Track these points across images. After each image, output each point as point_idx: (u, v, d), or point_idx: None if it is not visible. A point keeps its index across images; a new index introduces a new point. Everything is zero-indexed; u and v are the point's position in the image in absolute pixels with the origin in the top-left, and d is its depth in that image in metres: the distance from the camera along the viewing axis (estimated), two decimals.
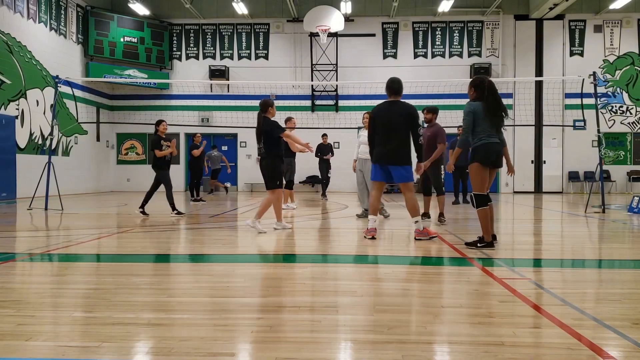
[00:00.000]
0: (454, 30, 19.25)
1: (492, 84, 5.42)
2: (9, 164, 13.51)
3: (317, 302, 3.23)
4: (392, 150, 5.75)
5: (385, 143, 5.78)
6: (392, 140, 5.75)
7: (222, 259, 4.84)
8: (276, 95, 19.24)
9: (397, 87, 5.97)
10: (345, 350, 2.39)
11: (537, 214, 10.04)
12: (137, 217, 8.96)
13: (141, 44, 18.86)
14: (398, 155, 5.77)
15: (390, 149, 5.76)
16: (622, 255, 5.25)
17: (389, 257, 4.97)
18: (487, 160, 5.25)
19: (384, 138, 5.79)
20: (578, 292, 3.52)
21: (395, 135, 5.75)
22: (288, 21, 19.35)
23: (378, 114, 5.92)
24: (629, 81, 18.91)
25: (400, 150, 5.76)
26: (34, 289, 3.60)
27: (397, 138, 5.74)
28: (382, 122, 5.81)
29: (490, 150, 5.25)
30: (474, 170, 5.31)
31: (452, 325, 2.72)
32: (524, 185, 19.08)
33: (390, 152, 5.76)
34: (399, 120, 5.74)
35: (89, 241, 5.90)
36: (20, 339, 2.47)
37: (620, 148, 19.03)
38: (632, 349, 2.37)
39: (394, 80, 6.02)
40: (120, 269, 4.37)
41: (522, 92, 18.42)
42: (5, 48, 13.61)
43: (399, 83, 6.00)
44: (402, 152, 5.78)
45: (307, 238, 6.43)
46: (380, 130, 5.83)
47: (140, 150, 19.96)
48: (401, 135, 5.75)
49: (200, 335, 2.54)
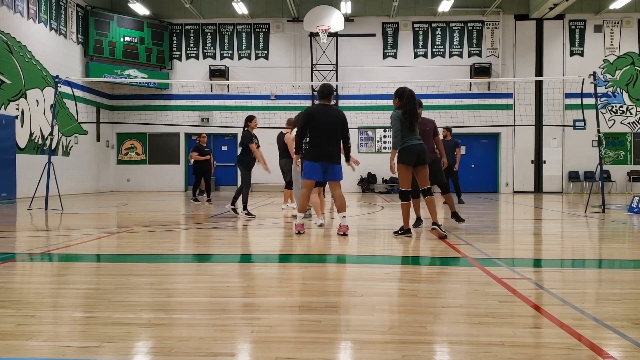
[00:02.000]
0: (454, 30, 19.25)
1: (412, 93, 6.15)
2: (9, 164, 13.51)
3: (317, 302, 3.23)
4: (334, 150, 6.33)
5: (327, 143, 6.30)
6: (333, 141, 6.32)
7: (222, 259, 4.84)
8: (276, 95, 19.26)
9: (327, 92, 6.43)
10: (345, 350, 2.39)
11: (537, 214, 10.04)
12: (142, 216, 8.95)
13: (141, 44, 18.86)
14: (337, 155, 6.38)
15: (331, 149, 6.31)
16: (622, 255, 5.24)
17: (388, 257, 4.97)
18: (409, 162, 6.03)
19: (326, 138, 6.30)
20: (578, 292, 3.52)
21: (335, 137, 6.33)
22: (288, 21, 19.35)
23: (317, 115, 6.33)
24: (629, 81, 18.91)
25: (338, 150, 6.41)
26: (34, 289, 3.60)
27: (337, 139, 6.36)
28: (322, 123, 6.29)
29: (413, 151, 5.99)
30: (399, 170, 6.10)
31: (452, 325, 2.72)
32: (524, 185, 19.09)
33: (332, 152, 6.32)
34: (336, 123, 6.32)
35: (89, 241, 5.90)
36: (20, 339, 2.47)
37: (620, 148, 19.03)
38: (632, 349, 2.37)
39: (325, 85, 6.50)
40: (120, 269, 4.37)
41: (522, 92, 18.44)
42: (5, 48, 13.61)
43: (329, 88, 6.49)
44: (339, 152, 6.43)
45: (307, 238, 6.43)
46: (321, 131, 6.30)
47: (140, 150, 19.96)
48: (339, 136, 6.38)
49: (200, 335, 2.54)
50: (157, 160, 19.83)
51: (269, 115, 16.34)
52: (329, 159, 6.30)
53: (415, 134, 6.09)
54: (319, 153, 6.30)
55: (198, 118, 19.33)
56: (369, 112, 18.61)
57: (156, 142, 19.90)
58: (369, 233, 6.94)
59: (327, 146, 6.28)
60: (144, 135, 19.78)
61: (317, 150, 6.32)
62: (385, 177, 19.19)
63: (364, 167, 19.22)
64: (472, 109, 18.50)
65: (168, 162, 19.80)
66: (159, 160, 19.82)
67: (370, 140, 19.54)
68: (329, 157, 6.30)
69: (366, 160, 19.30)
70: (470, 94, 19.06)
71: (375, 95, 18.92)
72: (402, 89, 6.20)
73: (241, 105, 18.63)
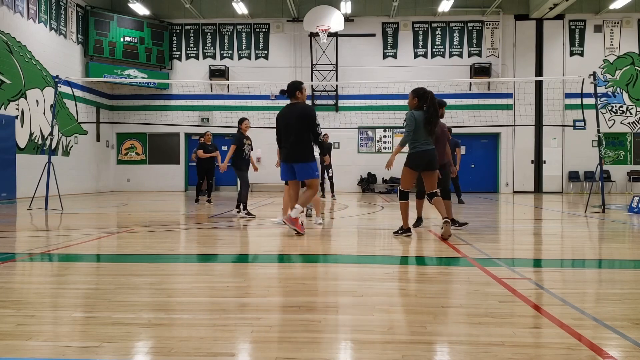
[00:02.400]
0: (454, 30, 19.25)
1: (434, 96, 5.99)
2: (9, 164, 13.50)
3: (317, 302, 3.23)
4: (294, 149, 6.28)
5: (288, 143, 6.33)
6: (293, 140, 6.28)
7: (222, 259, 4.84)
8: (276, 96, 19.26)
9: (290, 90, 6.42)
10: (345, 350, 2.39)
11: (537, 214, 10.04)
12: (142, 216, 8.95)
13: (141, 44, 18.86)
14: (298, 153, 6.28)
15: (292, 148, 6.29)
16: (622, 255, 5.25)
17: (388, 257, 4.97)
18: (417, 168, 6.03)
19: (286, 138, 6.36)
20: (578, 292, 3.52)
21: (295, 135, 6.26)
22: (288, 21, 19.35)
23: (280, 117, 6.45)
24: (629, 81, 18.91)
25: (299, 148, 6.27)
26: (34, 289, 3.60)
27: (298, 138, 6.27)
28: (284, 123, 6.37)
29: (423, 157, 5.95)
30: (404, 172, 6.12)
31: (452, 325, 2.72)
32: (524, 185, 19.09)
33: (293, 151, 6.29)
34: (293, 122, 6.27)
35: (89, 241, 5.90)
36: (20, 339, 2.47)
37: (620, 148, 19.03)
38: (632, 349, 2.37)
39: (289, 84, 6.49)
40: (120, 269, 4.37)
41: (522, 92, 18.44)
42: (5, 48, 13.61)
43: (292, 85, 6.44)
44: (301, 150, 6.28)
45: (307, 238, 6.43)
46: (283, 131, 6.38)
47: (140, 150, 19.96)
48: (299, 134, 6.26)
49: (200, 335, 2.54)
50: (157, 160, 19.83)
51: (269, 115, 16.29)
52: (291, 159, 6.32)
53: (429, 139, 5.98)
54: (284, 153, 6.42)
55: (198, 118, 19.33)
56: (369, 112, 18.62)
57: (156, 142, 19.90)
58: (369, 233, 6.94)
59: (288, 146, 6.33)
60: (144, 135, 19.78)
61: (282, 151, 6.47)
62: (385, 177, 19.19)
63: (364, 167, 19.23)
64: (472, 109, 18.50)
65: (168, 162, 19.80)
66: (159, 160, 19.82)
67: (370, 140, 19.54)
68: (291, 156, 6.31)
69: (366, 160, 19.32)
70: (470, 94, 19.06)
71: (375, 95, 18.93)
72: (423, 90, 6.04)
73: (241, 105, 18.62)
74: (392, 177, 19.06)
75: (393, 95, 18.55)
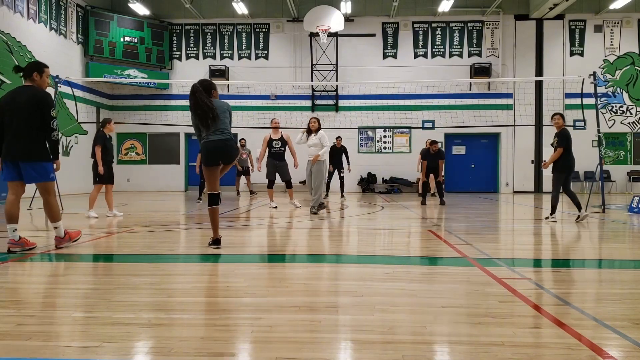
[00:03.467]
0: (454, 30, 19.24)
1: (196, 87, 5.13)
2: None
3: (317, 302, 3.23)
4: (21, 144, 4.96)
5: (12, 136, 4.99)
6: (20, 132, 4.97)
7: (222, 259, 4.84)
8: (276, 96, 19.25)
9: (26, 70, 5.16)
10: (345, 350, 2.39)
11: (537, 214, 10.03)
12: (142, 216, 8.95)
13: (141, 44, 18.85)
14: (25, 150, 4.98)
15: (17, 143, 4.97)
16: (622, 255, 5.25)
17: (388, 257, 4.97)
18: (207, 161, 5.18)
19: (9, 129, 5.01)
20: (578, 292, 3.52)
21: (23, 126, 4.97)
22: (288, 21, 19.35)
23: (6, 101, 5.07)
24: (629, 81, 18.91)
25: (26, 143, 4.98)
26: (34, 289, 3.60)
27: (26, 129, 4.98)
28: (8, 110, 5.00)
29: (207, 148, 5.12)
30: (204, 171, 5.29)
31: (452, 325, 2.72)
32: (524, 185, 19.08)
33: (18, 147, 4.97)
34: (30, 109, 4.95)
35: (89, 241, 5.90)
36: (20, 339, 2.47)
37: (620, 148, 19.03)
38: (632, 349, 2.37)
39: (27, 64, 5.28)
40: (120, 269, 4.37)
41: (522, 92, 18.43)
42: (5, 48, 13.61)
43: (29, 64, 5.22)
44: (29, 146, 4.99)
45: (307, 238, 6.43)
46: (7, 120, 5.01)
47: (140, 150, 19.95)
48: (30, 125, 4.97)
49: (200, 335, 2.54)
50: (157, 160, 19.82)
51: (269, 115, 16.29)
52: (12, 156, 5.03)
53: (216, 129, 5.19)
54: None
55: None
56: (369, 112, 18.62)
57: (156, 142, 19.89)
58: (369, 233, 6.94)
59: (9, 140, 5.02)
60: (144, 135, 19.78)
61: None
62: (386, 177, 19.19)
63: (364, 167, 19.22)
64: (472, 109, 18.49)
65: (168, 162, 19.79)
66: (159, 160, 19.81)
67: (370, 140, 19.53)
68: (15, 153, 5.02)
69: (366, 160, 19.31)
70: (470, 94, 19.06)
71: (375, 95, 18.92)
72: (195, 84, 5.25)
73: (241, 105, 18.61)
74: (392, 177, 19.06)
75: (393, 95, 18.56)
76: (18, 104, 4.96)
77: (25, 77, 5.14)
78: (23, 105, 4.94)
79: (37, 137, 4.99)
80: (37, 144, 4.99)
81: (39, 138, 5.00)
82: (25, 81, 5.15)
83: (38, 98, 4.98)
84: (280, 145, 10.45)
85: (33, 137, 4.97)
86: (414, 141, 19.13)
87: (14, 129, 4.95)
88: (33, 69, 5.13)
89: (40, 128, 4.99)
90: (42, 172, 5.03)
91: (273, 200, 10.68)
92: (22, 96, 4.98)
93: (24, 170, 4.99)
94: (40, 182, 5.07)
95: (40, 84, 5.16)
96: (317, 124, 9.38)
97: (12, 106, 4.98)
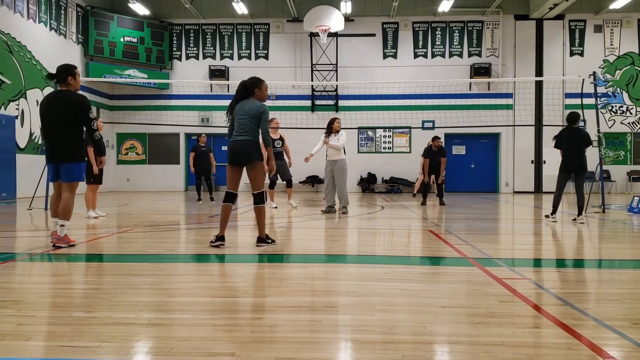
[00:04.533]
0: (454, 30, 19.24)
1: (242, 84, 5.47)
2: (9, 164, 13.50)
3: (317, 302, 3.23)
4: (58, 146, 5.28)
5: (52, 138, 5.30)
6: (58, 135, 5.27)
7: (222, 259, 4.84)
8: (276, 96, 19.25)
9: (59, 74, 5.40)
10: (345, 350, 2.39)
11: (537, 214, 10.03)
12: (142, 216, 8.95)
13: (141, 44, 18.85)
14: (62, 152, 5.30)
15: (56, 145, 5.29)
16: (622, 255, 5.25)
17: (389, 257, 4.97)
18: (229, 160, 5.39)
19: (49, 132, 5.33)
20: (578, 292, 3.52)
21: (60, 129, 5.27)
22: (288, 21, 19.34)
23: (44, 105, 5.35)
24: (629, 81, 18.91)
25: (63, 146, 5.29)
26: (34, 289, 3.60)
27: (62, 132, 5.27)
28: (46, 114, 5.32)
29: (230, 148, 5.38)
30: None
31: (452, 325, 2.72)
32: (524, 185, 19.08)
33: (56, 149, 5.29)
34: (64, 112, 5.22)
35: (89, 241, 5.90)
36: (20, 339, 2.47)
37: (620, 148, 19.03)
38: (632, 349, 2.37)
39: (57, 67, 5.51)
40: (120, 269, 4.37)
41: (522, 92, 18.43)
42: (5, 48, 13.60)
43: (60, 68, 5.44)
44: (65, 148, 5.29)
45: (307, 238, 6.43)
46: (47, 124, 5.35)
47: (140, 150, 19.95)
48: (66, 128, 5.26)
49: (200, 335, 2.54)
50: (157, 160, 19.82)
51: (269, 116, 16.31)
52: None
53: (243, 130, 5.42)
54: None
55: (198, 118, 19.32)
56: (369, 112, 18.60)
57: (156, 142, 19.89)
58: (369, 233, 6.94)
59: None
60: (143, 135, 19.77)
61: None
62: (386, 177, 19.18)
63: (364, 167, 19.22)
64: (472, 109, 18.49)
65: (168, 162, 19.79)
66: (159, 160, 19.81)
67: (370, 140, 19.53)
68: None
69: (366, 160, 19.31)
70: (470, 94, 19.06)
71: (375, 95, 18.92)
72: None
73: None
74: (392, 177, 19.06)
75: (393, 95, 18.56)
76: (56, 108, 5.24)
77: (60, 82, 5.38)
78: (61, 110, 5.22)
79: (73, 139, 5.29)
80: (72, 146, 5.29)
81: (74, 140, 5.30)
82: (61, 86, 5.38)
83: (75, 102, 5.25)
84: (280, 144, 10.48)
85: (69, 140, 5.27)
86: (414, 141, 19.13)
87: (54, 133, 5.27)
88: (67, 73, 5.39)
89: (75, 130, 5.28)
90: (73, 171, 5.33)
91: (273, 201, 10.70)
92: (59, 100, 5.27)
93: (62, 170, 5.33)
94: (70, 182, 5.37)
95: (75, 86, 5.44)
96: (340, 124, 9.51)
97: (50, 110, 5.27)
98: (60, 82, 5.38)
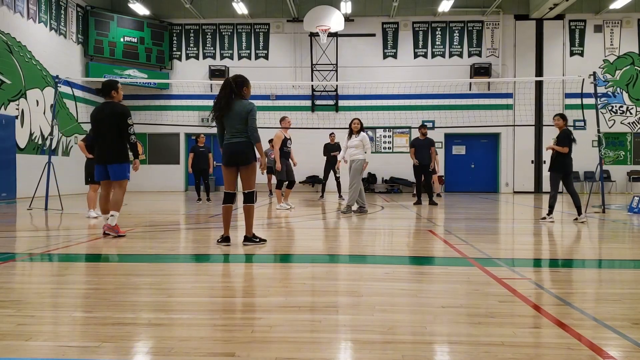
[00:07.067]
0: (454, 30, 19.25)
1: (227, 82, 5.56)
2: (9, 164, 13.50)
3: (317, 302, 3.23)
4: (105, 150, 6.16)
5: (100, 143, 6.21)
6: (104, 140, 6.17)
7: (222, 259, 4.84)
8: (276, 96, 19.25)
9: (104, 89, 6.27)
10: (345, 350, 2.39)
11: (537, 214, 10.03)
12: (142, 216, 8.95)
13: (141, 44, 18.85)
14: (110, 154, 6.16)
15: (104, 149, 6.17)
16: (622, 255, 5.25)
17: (388, 257, 4.97)
18: (224, 161, 5.49)
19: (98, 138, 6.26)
20: (578, 292, 3.52)
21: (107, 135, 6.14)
22: (288, 21, 19.34)
23: (94, 116, 6.27)
24: (629, 81, 18.91)
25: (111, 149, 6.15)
26: (34, 289, 3.60)
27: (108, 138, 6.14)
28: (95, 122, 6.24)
29: (225, 151, 5.50)
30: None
31: (452, 325, 2.72)
32: (524, 185, 19.08)
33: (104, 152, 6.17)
34: (110, 121, 6.11)
35: (89, 241, 5.90)
36: (20, 339, 2.47)
37: (620, 148, 19.03)
38: (632, 349, 2.37)
39: (102, 83, 6.40)
40: (120, 269, 4.37)
41: (522, 92, 18.43)
42: (5, 48, 13.60)
43: (105, 84, 6.30)
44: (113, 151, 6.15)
45: (307, 238, 6.43)
46: (95, 131, 6.29)
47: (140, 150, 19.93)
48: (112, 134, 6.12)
49: (200, 335, 2.54)
50: (157, 160, 19.82)
51: (269, 115, 16.30)
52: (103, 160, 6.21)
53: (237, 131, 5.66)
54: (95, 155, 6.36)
55: (198, 118, 19.32)
56: (369, 112, 18.58)
57: (156, 142, 19.89)
58: (369, 233, 6.94)
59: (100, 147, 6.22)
60: (143, 135, 19.75)
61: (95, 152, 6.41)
62: (386, 177, 19.18)
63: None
64: (472, 109, 18.50)
65: (168, 162, 19.79)
66: (159, 160, 19.81)
67: (370, 140, 19.51)
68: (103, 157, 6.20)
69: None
70: (470, 94, 19.06)
71: (375, 95, 18.92)
72: None
73: None
74: (392, 177, 19.06)
75: (393, 95, 18.55)
76: (104, 117, 6.13)
77: (105, 95, 6.26)
78: (108, 119, 6.11)
79: (118, 143, 6.15)
80: (118, 149, 6.16)
81: (120, 144, 6.16)
82: (106, 98, 6.26)
83: (118, 112, 6.11)
84: (291, 145, 10.41)
85: (116, 143, 6.14)
86: None
87: (102, 138, 6.17)
88: (110, 88, 6.23)
89: (120, 136, 6.13)
90: (122, 171, 6.20)
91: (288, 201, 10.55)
92: (106, 111, 6.16)
93: (110, 170, 6.16)
94: (119, 180, 6.19)
95: (118, 98, 6.31)
96: (359, 125, 9.40)
97: (99, 118, 6.17)
98: (105, 95, 6.24)
